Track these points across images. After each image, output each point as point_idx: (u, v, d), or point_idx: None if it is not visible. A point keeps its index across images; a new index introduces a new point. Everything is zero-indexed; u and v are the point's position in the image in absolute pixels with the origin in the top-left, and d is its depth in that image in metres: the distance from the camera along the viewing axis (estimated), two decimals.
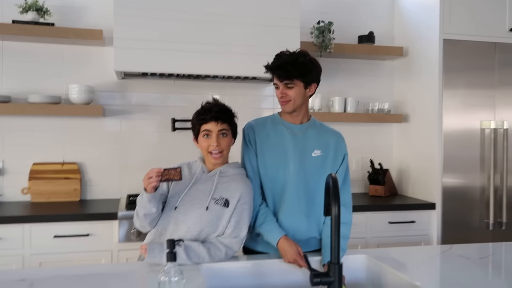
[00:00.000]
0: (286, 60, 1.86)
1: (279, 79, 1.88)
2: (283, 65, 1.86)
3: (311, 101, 3.49)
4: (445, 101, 3.24)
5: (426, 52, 3.37)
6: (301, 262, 1.79)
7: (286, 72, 1.85)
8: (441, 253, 2.04)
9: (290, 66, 1.85)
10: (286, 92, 1.89)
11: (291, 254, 1.80)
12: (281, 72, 1.86)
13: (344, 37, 3.67)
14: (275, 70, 1.88)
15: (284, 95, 1.90)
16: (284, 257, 1.83)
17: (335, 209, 1.38)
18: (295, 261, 1.80)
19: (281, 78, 1.87)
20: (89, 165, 3.24)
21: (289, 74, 1.85)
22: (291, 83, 1.87)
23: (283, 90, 1.89)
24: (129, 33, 2.84)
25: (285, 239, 1.84)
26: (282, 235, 1.85)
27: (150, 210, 1.80)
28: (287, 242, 1.83)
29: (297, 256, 1.80)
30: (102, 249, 2.70)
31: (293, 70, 1.85)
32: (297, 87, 1.89)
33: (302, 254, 1.81)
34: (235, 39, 3.00)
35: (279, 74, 1.87)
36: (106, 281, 1.63)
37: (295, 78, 1.86)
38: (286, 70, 1.85)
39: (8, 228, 2.58)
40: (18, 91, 3.10)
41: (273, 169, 1.95)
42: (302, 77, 1.88)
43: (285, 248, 1.82)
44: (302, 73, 1.87)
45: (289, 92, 1.89)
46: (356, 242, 3.10)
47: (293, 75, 1.85)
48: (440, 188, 3.25)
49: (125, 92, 3.30)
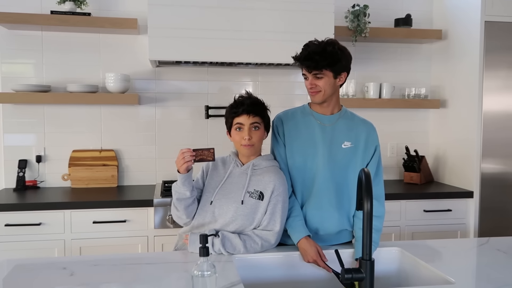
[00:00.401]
0: (314, 50, 1.83)
1: (308, 70, 1.86)
2: (311, 55, 1.82)
3: (345, 87, 3.44)
4: (486, 83, 3.13)
5: (467, 35, 3.25)
6: (320, 263, 1.80)
7: (314, 62, 1.82)
8: (478, 247, 1.99)
9: (319, 56, 1.81)
10: (316, 82, 1.86)
11: (311, 254, 1.81)
12: (309, 62, 1.83)
13: (380, 21, 3.58)
14: (303, 60, 1.85)
15: (314, 86, 1.87)
16: (304, 257, 1.83)
17: (367, 205, 1.37)
18: (314, 261, 1.81)
19: (310, 69, 1.84)
20: (125, 152, 3.33)
21: (318, 64, 1.82)
22: (320, 73, 1.84)
23: (312, 80, 1.86)
24: (163, 22, 2.86)
25: (306, 239, 1.84)
26: (305, 235, 1.85)
27: (185, 193, 1.83)
28: (308, 242, 1.83)
29: (316, 257, 1.80)
30: (138, 235, 2.78)
31: (322, 60, 1.81)
32: (327, 77, 1.86)
33: (323, 254, 1.82)
34: (268, 25, 2.97)
35: (307, 64, 1.84)
36: (143, 271, 1.68)
37: (324, 68, 1.83)
38: (314, 61, 1.82)
39: (50, 214, 2.69)
40: (57, 80, 3.19)
41: (302, 161, 1.94)
42: (331, 67, 1.84)
43: (306, 248, 1.82)
44: (331, 62, 1.83)
45: (319, 83, 1.86)
46: (390, 231, 3.08)
47: (322, 65, 1.82)
48: (478, 175, 3.16)
49: (160, 80, 3.34)
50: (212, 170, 1.97)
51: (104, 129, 3.29)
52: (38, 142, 3.20)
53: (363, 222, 1.37)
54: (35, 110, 3.19)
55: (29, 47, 3.16)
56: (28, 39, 3.16)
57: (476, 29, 3.14)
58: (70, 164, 3.19)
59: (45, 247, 2.69)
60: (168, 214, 2.77)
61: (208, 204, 1.88)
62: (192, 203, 1.89)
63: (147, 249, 2.80)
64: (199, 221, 1.88)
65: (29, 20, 2.93)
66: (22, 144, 3.19)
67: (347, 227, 1.97)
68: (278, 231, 1.85)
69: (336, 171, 1.93)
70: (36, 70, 3.18)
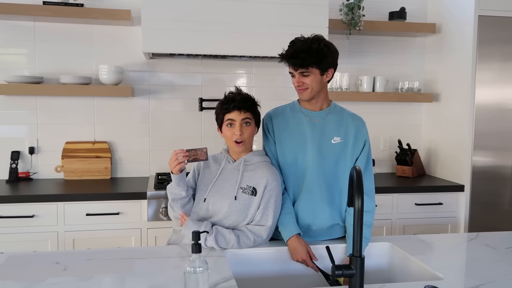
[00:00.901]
0: (299, 48, 1.82)
1: (294, 68, 1.85)
2: (296, 53, 1.82)
3: (338, 80, 3.45)
4: (478, 75, 3.15)
5: (460, 29, 3.26)
6: (309, 263, 1.82)
7: (300, 60, 1.82)
8: (467, 242, 2.02)
9: (304, 54, 1.81)
10: (303, 80, 1.86)
11: (300, 254, 1.83)
12: (295, 60, 1.83)
13: (374, 14, 3.58)
14: (289, 58, 1.84)
15: (301, 84, 1.87)
16: (293, 256, 1.85)
17: (358, 203, 1.39)
18: (303, 261, 1.83)
19: (296, 67, 1.84)
20: (119, 144, 3.32)
21: (304, 62, 1.82)
22: (307, 71, 1.84)
23: (299, 78, 1.87)
24: (157, 14, 2.84)
25: (297, 237, 1.86)
26: (295, 234, 1.87)
27: (180, 193, 1.87)
28: (298, 241, 1.85)
29: (306, 257, 1.82)
30: (131, 227, 2.79)
31: (308, 58, 1.81)
32: (313, 75, 1.86)
33: (313, 254, 1.84)
34: (262, 18, 2.97)
35: (293, 62, 1.84)
36: (136, 265, 1.69)
37: (310, 65, 1.83)
38: (300, 58, 1.81)
39: (43, 206, 2.70)
40: (50, 72, 3.17)
41: (292, 157, 1.95)
42: (318, 64, 1.83)
43: (295, 247, 1.84)
44: (317, 60, 1.83)
45: (306, 80, 1.86)
46: (381, 223, 3.11)
47: (308, 63, 1.82)
48: (470, 168, 3.20)
49: (153, 71, 3.33)
50: (204, 169, 1.98)
51: (98, 121, 3.28)
52: (31, 133, 3.19)
53: (354, 220, 1.39)
54: (28, 101, 3.17)
55: (21, 37, 3.14)
56: (20, 29, 3.13)
57: (470, 23, 3.15)
58: (63, 156, 3.19)
59: (38, 239, 2.69)
60: (162, 207, 2.79)
61: (202, 202, 1.90)
62: (188, 202, 1.91)
63: (140, 241, 2.81)
64: (194, 218, 1.89)
65: (21, 11, 2.91)
66: (15, 136, 3.17)
67: (338, 221, 1.99)
68: (271, 226, 1.87)
69: (326, 167, 1.94)
70: (28, 61, 3.16)
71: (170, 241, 1.99)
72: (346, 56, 3.60)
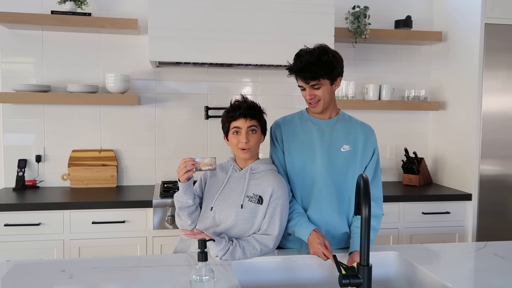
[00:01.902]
0: (309, 61, 1.81)
1: (305, 81, 1.84)
2: (306, 66, 1.81)
3: (344, 88, 3.45)
4: (485, 83, 3.14)
5: (467, 37, 3.25)
6: (325, 251, 1.75)
7: (311, 73, 1.81)
8: (476, 251, 2.00)
9: (315, 67, 1.80)
10: (314, 93, 1.86)
11: (315, 244, 1.77)
12: (306, 73, 1.82)
13: (380, 22, 3.59)
14: (299, 72, 1.83)
15: (313, 96, 1.87)
16: (310, 249, 1.81)
17: (365, 211, 1.38)
18: (318, 250, 1.76)
19: (307, 80, 1.83)
20: (125, 152, 3.33)
21: (315, 74, 1.81)
22: (318, 83, 1.84)
23: (311, 91, 1.86)
24: (164, 23, 2.86)
25: (314, 232, 1.83)
26: (313, 229, 1.85)
27: (187, 202, 1.87)
28: (315, 234, 1.82)
29: (321, 245, 1.76)
30: (137, 235, 2.79)
31: (319, 70, 1.80)
32: (324, 86, 1.86)
33: (329, 247, 1.79)
34: (268, 27, 2.97)
35: (303, 76, 1.83)
36: (142, 274, 1.69)
37: (321, 77, 1.82)
38: (311, 71, 1.81)
39: (50, 214, 2.70)
40: (58, 80, 3.20)
41: (301, 166, 1.95)
42: (328, 75, 1.83)
43: (311, 240, 1.80)
44: (328, 71, 1.82)
45: (317, 93, 1.86)
46: (388, 232, 3.08)
47: (319, 74, 1.81)
48: (477, 177, 3.17)
49: (160, 80, 3.34)
50: (211, 177, 1.98)
51: (104, 129, 3.29)
52: (38, 141, 3.21)
53: (361, 228, 1.38)
54: (35, 109, 3.19)
55: (29, 46, 3.16)
56: (28, 38, 3.16)
57: (476, 31, 3.14)
58: (70, 164, 3.20)
59: (44, 247, 2.69)
60: (167, 215, 2.78)
61: (209, 210, 1.90)
62: (195, 210, 1.91)
63: (146, 250, 2.80)
64: (200, 227, 1.89)
65: (30, 20, 2.93)
66: (22, 144, 3.19)
67: (347, 230, 1.98)
68: (277, 235, 1.86)
69: (336, 175, 1.93)
70: (36, 69, 3.18)
71: (176, 249, 1.98)
72: (352, 65, 3.60)
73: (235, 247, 1.79)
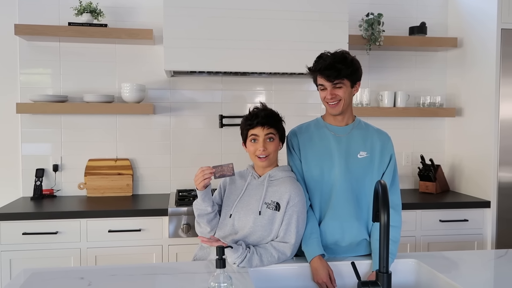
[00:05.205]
0: (334, 59, 1.84)
1: (328, 79, 1.85)
2: (332, 65, 1.82)
3: (359, 96, 3.44)
4: (503, 89, 3.10)
5: (483, 43, 3.22)
6: (329, 285, 1.78)
7: (337, 71, 1.82)
8: (496, 259, 1.96)
9: (341, 65, 1.82)
10: (336, 92, 1.86)
11: (321, 275, 1.79)
12: (331, 71, 1.82)
13: (394, 29, 3.57)
14: (324, 70, 1.84)
15: (334, 96, 1.86)
16: (314, 277, 1.82)
17: (384, 217, 1.36)
18: (323, 283, 1.79)
19: (331, 78, 1.84)
20: (140, 161, 3.35)
21: (340, 72, 1.82)
22: (340, 82, 1.84)
23: (332, 91, 1.86)
24: (178, 33, 2.88)
25: (319, 259, 1.83)
26: (318, 254, 1.84)
27: (206, 209, 1.87)
28: (320, 262, 1.82)
29: (326, 279, 1.78)
30: (153, 244, 2.79)
31: (344, 68, 1.83)
32: (345, 87, 1.87)
33: (334, 279, 1.80)
34: (282, 35, 2.98)
35: (328, 74, 1.83)
36: (160, 281, 1.69)
37: (345, 77, 1.84)
38: (336, 69, 1.82)
39: (67, 223, 2.72)
40: (74, 91, 3.24)
41: (318, 173, 1.94)
42: (351, 76, 1.86)
43: (317, 268, 1.81)
44: (352, 71, 1.85)
45: (338, 92, 1.86)
46: (405, 240, 3.05)
47: (344, 73, 1.83)
48: (496, 184, 3.12)
49: (174, 89, 3.37)
50: (230, 185, 1.99)
51: (120, 138, 3.32)
52: (55, 151, 3.24)
53: (380, 235, 1.37)
54: (53, 119, 3.23)
55: (47, 58, 3.22)
56: (46, 50, 3.21)
57: (493, 37, 3.11)
58: (86, 173, 3.23)
59: (61, 255, 2.71)
60: (183, 224, 2.78)
61: (228, 217, 1.90)
62: (214, 218, 1.92)
63: (162, 258, 2.81)
64: (220, 234, 1.90)
65: (48, 32, 2.99)
66: (40, 153, 3.23)
67: (366, 236, 1.96)
68: (294, 243, 1.85)
69: (354, 182, 1.92)
70: (53, 80, 3.23)
71: (196, 257, 1.98)
72: (366, 72, 3.58)
73: (252, 255, 1.78)
